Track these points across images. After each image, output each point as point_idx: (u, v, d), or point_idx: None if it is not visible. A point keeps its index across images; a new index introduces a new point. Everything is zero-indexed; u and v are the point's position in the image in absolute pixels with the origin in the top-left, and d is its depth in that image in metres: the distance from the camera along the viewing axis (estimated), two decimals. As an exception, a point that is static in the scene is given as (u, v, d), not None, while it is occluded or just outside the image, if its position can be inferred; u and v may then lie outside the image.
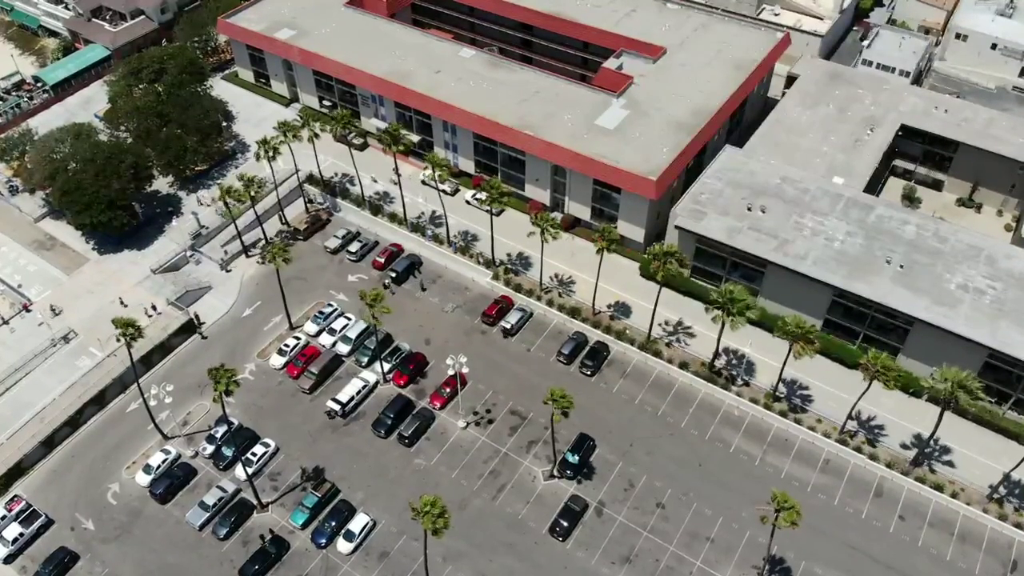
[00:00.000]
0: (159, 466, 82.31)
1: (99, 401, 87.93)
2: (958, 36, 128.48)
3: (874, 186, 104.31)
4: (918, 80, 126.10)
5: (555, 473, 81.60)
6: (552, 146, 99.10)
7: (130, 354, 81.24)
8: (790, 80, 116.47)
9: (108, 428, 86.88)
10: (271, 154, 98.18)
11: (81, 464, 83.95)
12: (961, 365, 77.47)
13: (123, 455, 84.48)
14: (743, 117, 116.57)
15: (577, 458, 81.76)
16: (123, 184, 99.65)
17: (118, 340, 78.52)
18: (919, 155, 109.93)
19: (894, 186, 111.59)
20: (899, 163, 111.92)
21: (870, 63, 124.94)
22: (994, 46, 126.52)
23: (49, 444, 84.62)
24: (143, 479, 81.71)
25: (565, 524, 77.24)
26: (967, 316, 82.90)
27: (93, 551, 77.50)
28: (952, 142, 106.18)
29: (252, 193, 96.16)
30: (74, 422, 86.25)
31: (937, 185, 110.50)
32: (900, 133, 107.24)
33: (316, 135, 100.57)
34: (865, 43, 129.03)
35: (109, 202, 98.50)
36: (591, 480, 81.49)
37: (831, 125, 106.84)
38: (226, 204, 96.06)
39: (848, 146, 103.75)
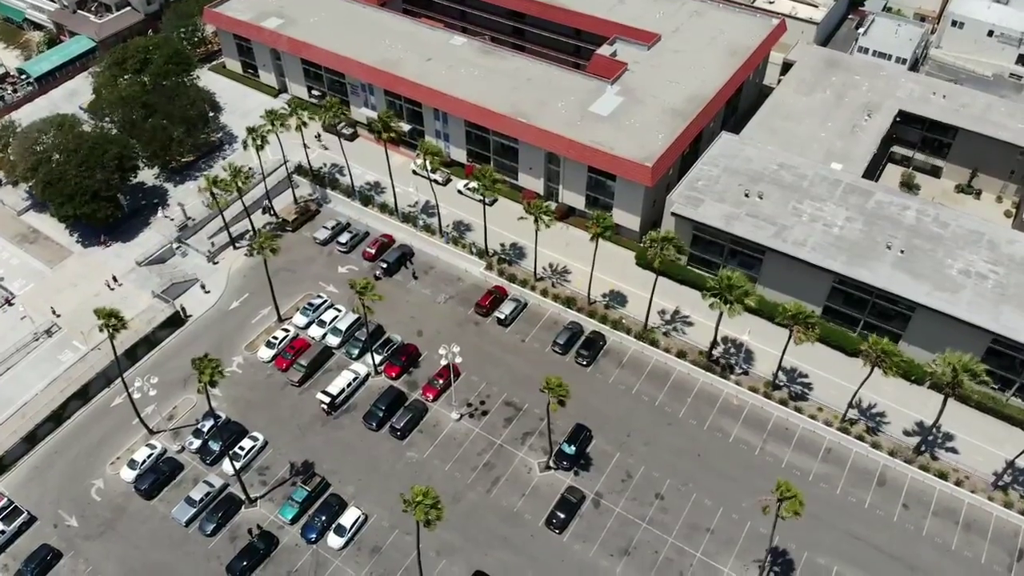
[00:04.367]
0: (144, 461, 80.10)
1: (83, 395, 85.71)
2: (954, 23, 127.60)
3: (872, 172, 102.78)
4: (914, 68, 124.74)
5: (551, 464, 79.73)
6: (546, 133, 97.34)
7: (113, 346, 78.96)
8: (786, 67, 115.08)
9: (92, 423, 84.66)
10: (259, 143, 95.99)
11: (64, 460, 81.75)
12: (964, 351, 75.73)
13: (107, 450, 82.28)
14: (739, 105, 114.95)
15: (574, 449, 79.92)
16: (107, 175, 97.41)
17: (101, 331, 76.23)
18: (917, 141, 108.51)
19: (892, 173, 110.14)
20: (897, 150, 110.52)
21: (866, 50, 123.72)
22: (990, 33, 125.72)
23: (31, 440, 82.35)
24: (128, 475, 79.50)
25: (562, 516, 75.41)
26: (969, 301, 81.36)
27: (76, 548, 75.34)
28: (951, 128, 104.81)
29: (239, 183, 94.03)
30: (57, 417, 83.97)
31: (936, 172, 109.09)
32: (898, 119, 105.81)
33: (304, 123, 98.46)
34: (861, 31, 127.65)
35: (92, 193, 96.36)
36: (588, 471, 79.66)
37: (828, 111, 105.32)
38: (212, 195, 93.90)
39: (846, 132, 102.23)
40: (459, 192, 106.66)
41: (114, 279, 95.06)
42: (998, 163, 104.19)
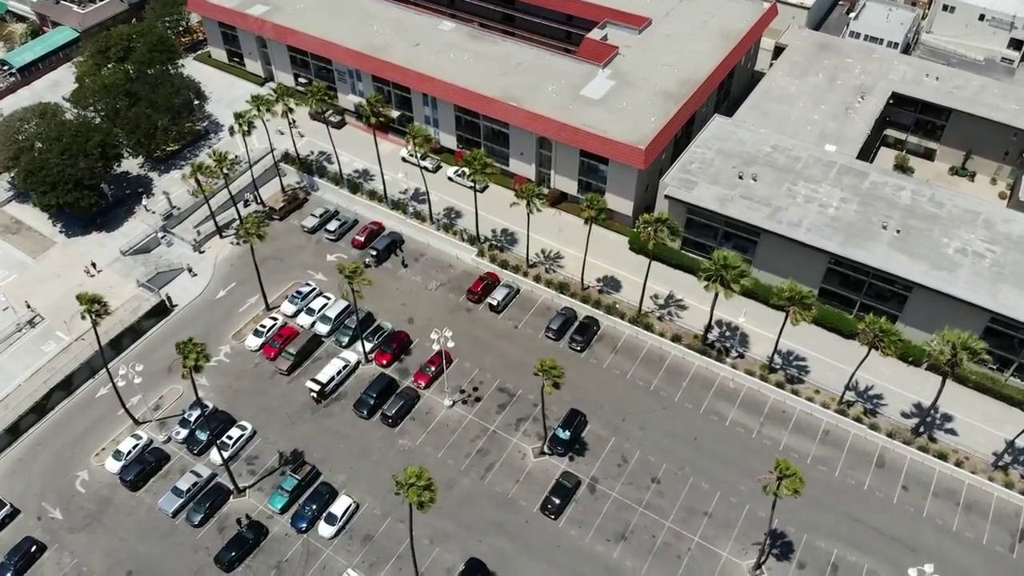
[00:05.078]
0: (130, 452, 78.34)
1: (66, 386, 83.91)
2: (945, 7, 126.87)
3: (866, 154, 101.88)
4: (906, 52, 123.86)
5: (546, 450, 78.36)
6: (537, 116, 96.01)
7: (96, 333, 77.04)
8: (778, 51, 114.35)
9: (76, 414, 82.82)
10: (245, 128, 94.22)
11: (48, 452, 79.89)
12: (962, 331, 74.81)
13: (92, 442, 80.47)
14: (730, 90, 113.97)
15: (568, 434, 78.55)
16: (90, 163, 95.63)
17: (83, 317, 74.37)
18: (910, 124, 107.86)
19: (886, 157, 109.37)
20: (890, 133, 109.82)
21: (857, 35, 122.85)
22: (982, 17, 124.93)
23: (14, 432, 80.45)
24: (113, 466, 77.74)
25: (557, 501, 74.05)
26: (967, 280, 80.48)
27: (61, 541, 73.51)
28: (944, 110, 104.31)
29: (225, 170, 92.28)
30: (40, 408, 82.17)
31: (929, 154, 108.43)
32: (891, 101, 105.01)
33: (290, 109, 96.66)
34: (852, 15, 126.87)
35: (75, 182, 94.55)
36: (583, 456, 78.33)
37: (821, 94, 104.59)
38: (198, 182, 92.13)
39: (839, 114, 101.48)
40: (449, 179, 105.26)
41: (93, 265, 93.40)
42: (992, 145, 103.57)
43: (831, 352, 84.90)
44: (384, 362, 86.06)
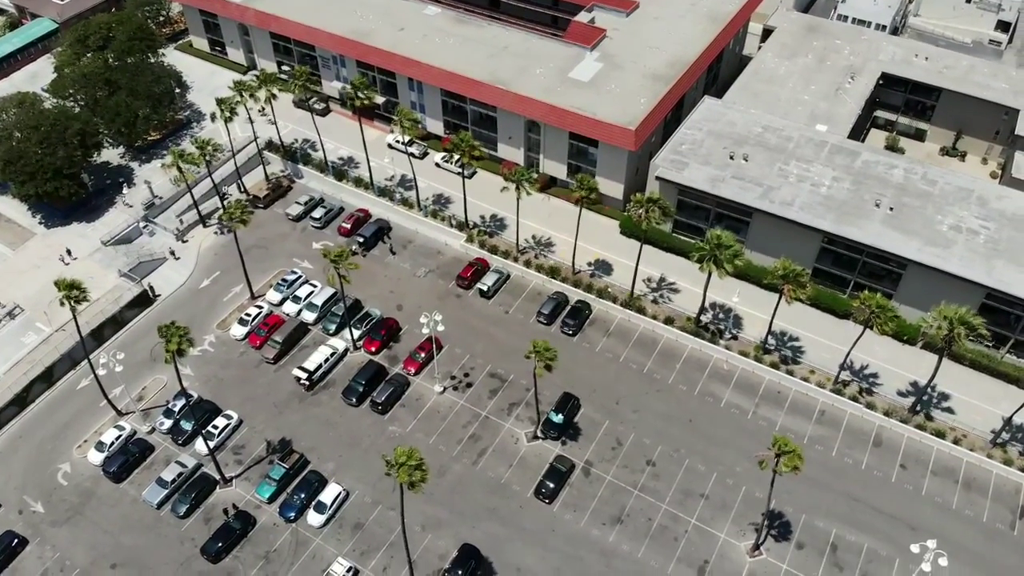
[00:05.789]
0: (113, 443, 76.47)
1: (47, 378, 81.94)
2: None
3: (857, 135, 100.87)
4: (894, 35, 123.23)
5: (539, 434, 77.00)
6: (525, 99, 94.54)
7: (75, 320, 74.98)
8: (766, 34, 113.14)
9: (57, 406, 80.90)
10: (228, 115, 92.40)
11: (29, 444, 77.92)
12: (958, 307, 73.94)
13: (74, 433, 78.61)
14: (719, 73, 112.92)
15: (561, 418, 77.19)
16: (69, 152, 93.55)
17: (61, 303, 72.38)
18: (901, 105, 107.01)
19: (876, 138, 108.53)
20: (881, 114, 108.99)
21: (845, 18, 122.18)
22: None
23: (-7, 425, 78.74)
24: (96, 457, 75.88)
25: (551, 486, 72.66)
26: (961, 256, 79.56)
27: (43, 535, 71.63)
28: (934, 90, 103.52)
29: (207, 157, 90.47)
30: (21, 401, 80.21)
31: (920, 135, 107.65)
32: (881, 82, 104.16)
33: (273, 96, 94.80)
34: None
35: (55, 171, 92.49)
36: (577, 440, 77.01)
37: (810, 75, 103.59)
38: (180, 170, 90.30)
39: (829, 94, 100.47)
40: (437, 165, 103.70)
41: (68, 252, 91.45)
42: (982, 124, 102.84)
43: (825, 332, 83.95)
44: (373, 349, 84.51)
